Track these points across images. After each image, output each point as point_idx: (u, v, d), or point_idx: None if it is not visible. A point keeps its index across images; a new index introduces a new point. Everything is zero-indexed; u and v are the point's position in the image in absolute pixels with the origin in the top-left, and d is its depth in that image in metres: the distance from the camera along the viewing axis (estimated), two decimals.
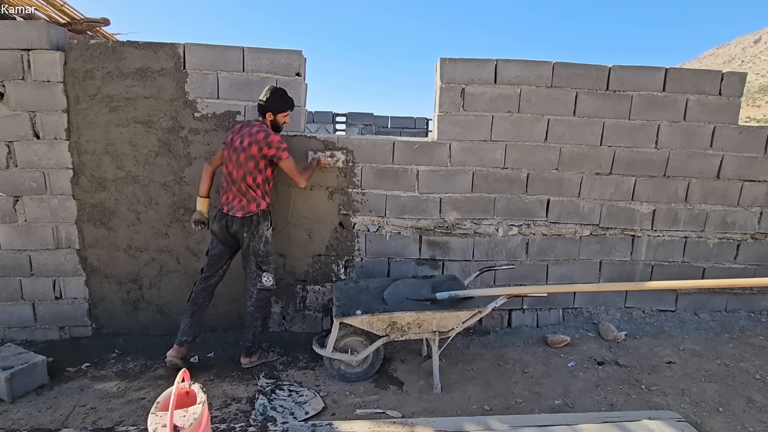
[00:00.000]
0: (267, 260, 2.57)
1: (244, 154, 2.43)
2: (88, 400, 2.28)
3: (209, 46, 2.74)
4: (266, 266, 2.57)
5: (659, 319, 3.18)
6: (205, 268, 2.61)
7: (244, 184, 2.46)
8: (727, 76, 2.93)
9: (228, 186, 2.52)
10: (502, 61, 2.85)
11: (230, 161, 2.48)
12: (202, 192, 2.60)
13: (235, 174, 2.46)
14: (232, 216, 2.47)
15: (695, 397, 2.30)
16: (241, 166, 2.44)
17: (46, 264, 2.87)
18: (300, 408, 2.20)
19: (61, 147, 2.75)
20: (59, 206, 2.81)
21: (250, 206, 2.48)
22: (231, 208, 2.49)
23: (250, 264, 2.56)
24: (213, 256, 2.58)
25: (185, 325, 2.55)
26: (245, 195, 2.48)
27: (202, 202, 2.61)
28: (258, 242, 2.51)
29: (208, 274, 2.60)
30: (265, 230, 2.53)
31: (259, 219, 2.50)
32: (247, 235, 2.49)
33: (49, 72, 2.67)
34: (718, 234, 3.14)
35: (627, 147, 2.98)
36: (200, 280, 2.60)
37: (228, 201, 2.51)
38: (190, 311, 2.56)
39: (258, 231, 2.50)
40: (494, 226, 3.04)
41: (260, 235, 2.51)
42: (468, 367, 2.65)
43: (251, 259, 2.55)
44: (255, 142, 2.42)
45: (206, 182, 2.60)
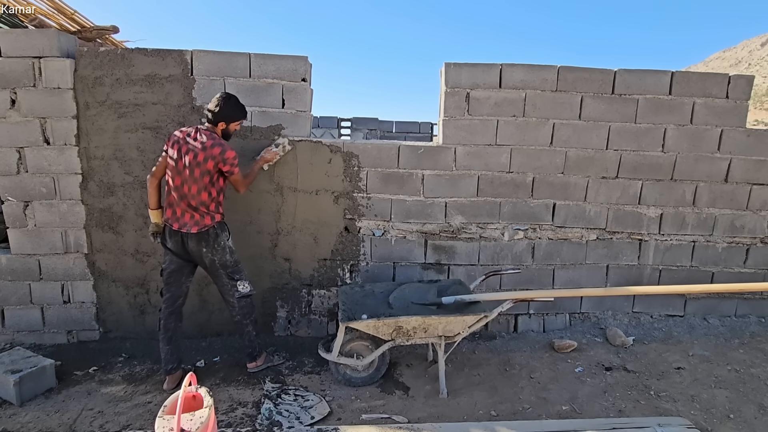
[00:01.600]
0: (237, 268, 2.47)
1: (199, 169, 2.28)
2: (95, 403, 2.30)
3: (216, 53, 2.78)
4: (238, 275, 2.46)
5: (668, 324, 3.15)
6: (165, 289, 2.44)
7: (197, 200, 2.31)
8: (734, 79, 2.92)
9: (176, 201, 2.35)
10: (506, 66, 2.85)
11: (178, 175, 2.31)
12: (152, 205, 2.45)
13: (186, 189, 2.31)
14: (186, 233, 2.33)
15: (705, 404, 2.27)
16: (195, 181, 2.29)
17: (54, 268, 2.90)
18: (306, 413, 2.20)
19: (70, 153, 2.79)
20: (68, 211, 2.85)
21: (204, 220, 2.33)
22: (183, 224, 2.34)
23: (221, 278, 2.45)
24: (171, 274, 2.43)
25: (166, 354, 2.45)
26: (197, 210, 2.33)
27: (156, 214, 2.46)
28: (223, 254, 2.39)
29: (171, 295, 2.44)
30: (225, 241, 2.41)
31: (217, 231, 2.37)
32: (207, 251, 2.36)
33: (60, 79, 2.71)
34: (727, 238, 3.11)
35: (633, 151, 2.97)
36: (165, 305, 2.45)
37: (177, 217, 2.35)
38: (165, 338, 2.45)
39: (219, 243, 2.37)
40: (500, 230, 3.03)
41: (222, 246, 2.38)
42: (474, 372, 2.63)
43: (220, 272, 2.43)
44: (211, 157, 2.27)
45: (155, 195, 2.44)
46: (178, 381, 2.44)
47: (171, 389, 2.41)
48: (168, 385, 2.43)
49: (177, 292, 2.47)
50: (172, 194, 2.37)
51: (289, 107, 2.86)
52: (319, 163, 2.89)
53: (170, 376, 2.45)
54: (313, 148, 2.87)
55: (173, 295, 2.46)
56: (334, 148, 2.89)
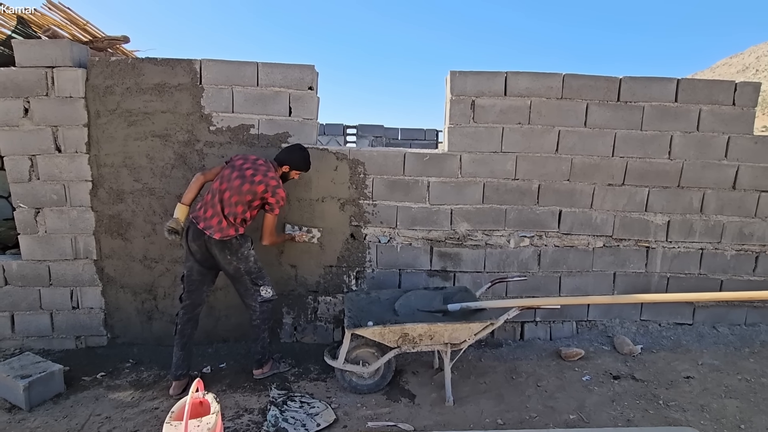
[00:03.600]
0: (261, 274, 2.53)
1: (249, 186, 2.38)
2: (103, 409, 2.31)
3: (224, 62, 2.82)
4: (262, 280, 2.52)
5: (676, 332, 3.11)
6: (185, 296, 2.48)
7: (231, 209, 2.38)
8: (741, 86, 2.91)
9: (212, 202, 2.41)
10: (511, 74, 2.87)
11: (227, 181, 2.41)
12: (185, 200, 2.45)
13: (227, 195, 2.39)
14: (209, 236, 2.36)
15: (715, 414, 2.24)
16: (239, 193, 2.38)
17: (64, 274, 2.93)
18: (312, 420, 2.19)
19: (81, 160, 2.84)
20: (78, 218, 2.89)
21: (228, 230, 2.38)
22: (208, 227, 2.37)
23: (244, 283, 2.49)
24: (194, 282, 2.46)
25: (178, 359, 2.47)
26: (226, 218, 2.39)
27: (182, 210, 2.44)
28: (248, 263, 2.46)
29: (191, 302, 2.48)
30: (248, 250, 2.46)
31: (240, 242, 2.43)
32: (232, 258, 2.41)
33: (72, 88, 2.76)
34: (736, 245, 3.08)
35: (639, 158, 2.96)
36: (184, 311, 2.48)
37: (206, 217, 2.39)
38: (180, 344, 2.47)
39: (243, 253, 2.43)
40: (506, 237, 3.03)
41: (246, 256, 2.45)
42: (480, 380, 2.62)
43: (245, 279, 2.48)
44: (265, 183, 2.39)
45: (193, 192, 2.46)
46: (184, 387, 2.46)
47: (177, 395, 2.42)
48: (174, 391, 2.45)
49: (197, 299, 2.51)
50: (212, 195, 2.44)
51: (296, 115, 2.89)
52: (325, 171, 2.91)
53: (177, 382, 2.46)
54: (319, 155, 2.89)
55: (193, 302, 2.50)
56: (340, 155, 2.91)
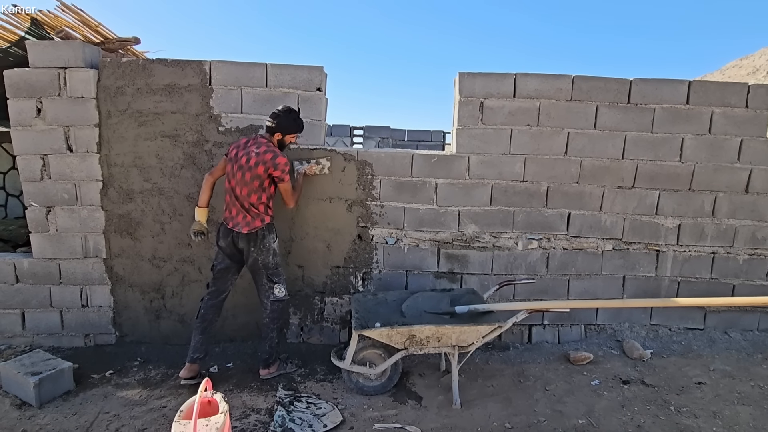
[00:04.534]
0: (277, 271, 2.58)
1: (250, 173, 2.43)
2: (111, 407, 2.33)
3: (234, 63, 2.84)
4: (277, 278, 2.57)
5: (687, 337, 3.07)
6: (212, 282, 2.60)
7: (247, 201, 2.46)
8: (754, 88, 2.87)
9: (231, 201, 2.50)
10: (521, 75, 2.86)
11: (233, 177, 2.47)
12: (201, 203, 2.59)
13: (238, 191, 2.46)
14: (237, 232, 2.47)
15: (728, 421, 2.20)
16: (246, 184, 2.44)
17: (74, 273, 2.96)
18: (318, 421, 2.19)
19: (92, 160, 2.86)
20: (88, 217, 2.92)
21: (254, 222, 2.48)
22: (236, 224, 2.48)
23: (261, 277, 2.57)
24: (220, 271, 2.57)
25: (197, 342, 2.55)
26: (249, 212, 2.47)
27: (202, 213, 2.60)
28: (266, 255, 2.51)
29: (216, 289, 2.59)
30: (271, 243, 2.53)
31: (265, 233, 2.50)
32: (254, 250, 2.49)
33: (84, 89, 2.79)
34: (748, 250, 3.03)
35: (650, 160, 2.93)
36: (209, 296, 2.59)
37: (232, 216, 2.50)
38: (200, 327, 2.56)
39: (265, 244, 2.50)
40: (513, 239, 3.01)
41: (267, 248, 2.51)
42: (488, 383, 2.60)
43: (261, 272, 2.55)
44: (262, 162, 2.41)
45: (206, 193, 2.59)
46: (196, 372, 2.53)
47: (186, 378, 2.49)
48: (185, 373, 2.50)
49: (222, 287, 2.61)
50: (228, 196, 2.52)
51: (305, 116, 2.88)
52: (333, 171, 2.91)
53: (192, 365, 2.53)
54: (326, 156, 2.89)
55: (218, 289, 2.60)
56: (348, 156, 2.91)
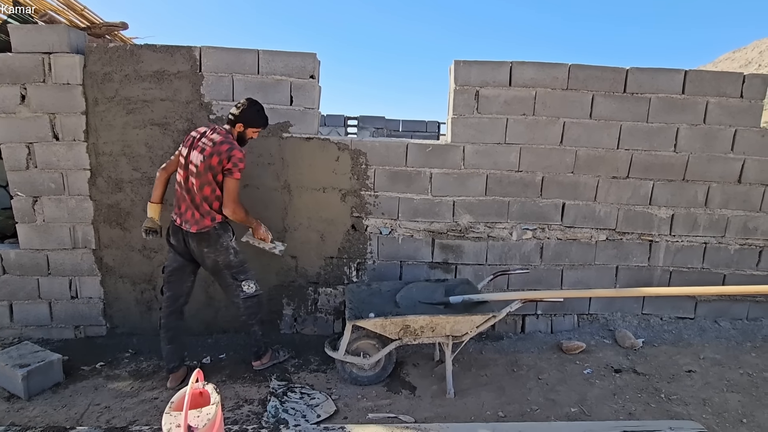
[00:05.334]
0: (243, 268, 2.43)
1: (204, 164, 2.24)
2: (102, 399, 2.30)
3: (225, 49, 2.77)
4: (244, 275, 2.42)
5: (678, 326, 3.10)
6: (165, 287, 2.41)
7: (200, 195, 2.27)
8: (749, 78, 2.87)
9: (182, 195, 2.33)
10: (516, 64, 2.82)
11: (185, 169, 2.30)
12: (154, 198, 2.42)
13: (190, 183, 2.28)
14: (186, 231, 2.30)
15: (717, 408, 2.23)
16: (199, 175, 2.25)
17: (62, 264, 2.91)
18: (312, 411, 2.19)
19: (79, 148, 2.80)
20: (76, 207, 2.86)
21: (204, 221, 2.28)
22: (185, 221, 2.30)
23: (225, 278, 2.42)
24: (173, 272, 2.40)
25: (167, 353, 2.43)
26: (199, 208, 2.29)
27: (154, 209, 2.42)
28: (226, 255, 2.35)
29: (172, 294, 2.41)
30: (228, 241, 2.36)
31: (219, 232, 2.32)
32: (209, 251, 2.32)
33: (69, 75, 2.71)
34: (740, 240, 3.06)
35: (645, 150, 2.93)
36: (166, 304, 2.41)
37: (181, 213, 2.33)
38: (166, 338, 2.42)
39: (221, 244, 2.33)
40: (508, 229, 3.00)
41: (225, 247, 2.34)
42: (481, 372, 2.61)
43: (224, 273, 2.40)
44: (217, 153, 2.23)
45: (160, 188, 2.42)
46: (181, 379, 2.44)
47: (174, 387, 2.40)
48: (171, 384, 2.42)
49: (178, 291, 2.44)
50: (178, 190, 2.36)
51: (297, 104, 2.85)
52: (327, 161, 2.87)
53: (173, 375, 2.44)
54: (320, 145, 2.85)
55: (174, 294, 2.43)
56: (342, 145, 2.87)
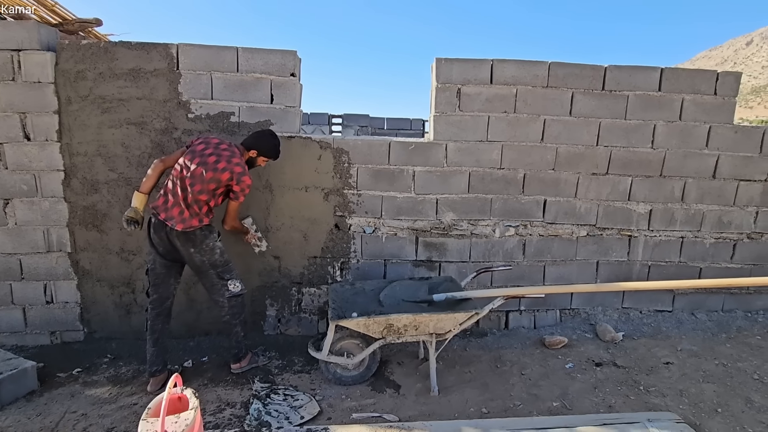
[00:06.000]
0: (228, 267, 2.42)
1: (212, 173, 2.25)
2: (79, 406, 2.24)
3: (203, 47, 2.72)
4: (229, 274, 2.42)
5: (656, 319, 3.17)
6: (151, 290, 2.38)
7: (193, 198, 2.26)
8: (722, 75, 2.94)
9: (173, 191, 2.29)
10: (498, 61, 2.84)
11: (188, 169, 2.28)
12: (144, 188, 2.33)
13: (188, 183, 2.26)
14: (171, 228, 2.26)
15: (694, 398, 2.28)
16: (202, 182, 2.25)
17: (36, 268, 2.82)
18: (295, 412, 2.17)
19: (52, 149, 2.71)
20: (50, 209, 2.77)
21: (191, 221, 2.27)
22: (170, 217, 2.26)
23: (210, 278, 2.39)
24: (158, 275, 2.36)
25: (152, 355, 2.39)
26: (189, 208, 2.27)
27: (141, 199, 2.32)
28: (212, 255, 2.34)
29: (158, 296, 2.38)
30: (214, 242, 2.36)
31: (205, 233, 2.32)
32: (195, 251, 2.31)
33: (40, 73, 2.63)
34: (715, 234, 3.14)
35: (623, 147, 2.98)
36: (152, 306, 2.39)
37: (166, 207, 2.28)
38: (151, 339, 2.39)
39: (207, 244, 2.32)
40: (491, 227, 3.02)
41: (212, 247, 2.34)
42: (465, 369, 2.63)
43: (210, 272, 2.37)
44: (230, 171, 2.26)
45: (153, 180, 2.35)
46: (162, 383, 2.39)
47: (155, 391, 2.35)
48: (152, 387, 2.38)
49: (165, 293, 2.42)
50: (172, 184, 2.32)
51: (278, 102, 2.81)
52: (309, 160, 2.85)
53: (154, 378, 2.40)
54: (302, 144, 2.83)
55: (160, 296, 2.41)
56: (324, 144, 2.85)
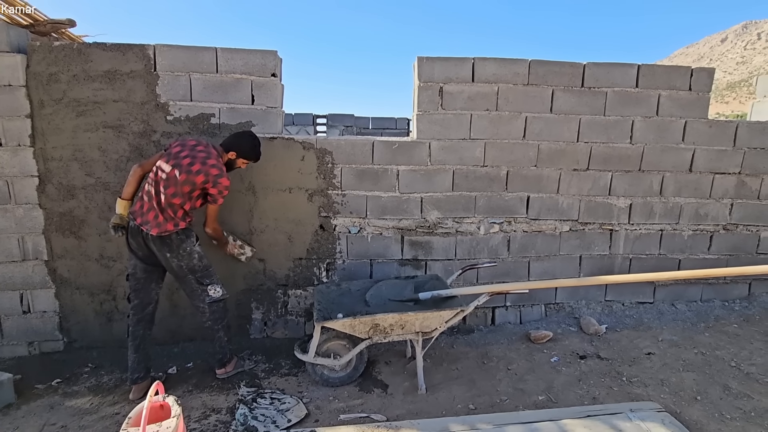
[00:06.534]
0: (208, 272, 2.39)
1: (186, 176, 2.21)
2: (58, 418, 2.18)
3: (181, 47, 2.67)
4: (208, 279, 2.39)
5: (638, 311, 3.24)
6: (132, 296, 2.35)
7: (168, 201, 2.23)
8: (697, 71, 3.01)
9: (148, 195, 2.27)
10: (479, 60, 2.85)
11: (163, 171, 2.24)
12: (125, 194, 2.33)
13: (162, 186, 2.23)
14: (146, 232, 2.23)
15: (674, 387, 2.34)
16: (176, 184, 2.21)
17: (12, 277, 2.74)
18: (282, 416, 2.15)
19: (25, 154, 2.64)
20: (25, 216, 2.69)
21: (166, 225, 2.23)
22: (145, 221, 2.24)
23: (189, 283, 2.36)
24: (138, 280, 2.34)
25: (133, 362, 2.34)
26: (163, 212, 2.24)
27: (124, 205, 2.33)
28: (190, 260, 2.31)
29: (139, 302, 2.35)
30: (192, 246, 2.32)
31: (181, 237, 2.28)
32: (172, 256, 2.27)
33: (10, 75, 2.55)
34: (692, 226, 3.22)
35: (603, 143, 3.03)
36: (133, 312, 2.35)
37: (142, 212, 2.26)
38: (133, 346, 2.34)
39: (185, 249, 2.29)
40: (476, 224, 3.04)
41: (189, 252, 2.30)
42: (452, 366, 2.64)
43: (189, 278, 2.34)
44: (205, 173, 2.22)
45: (133, 185, 2.33)
46: (144, 391, 2.34)
47: (137, 399, 2.30)
48: (134, 395, 2.33)
49: (146, 299, 2.38)
50: (148, 187, 2.30)
51: (259, 103, 2.78)
52: (292, 161, 2.82)
53: (136, 386, 2.35)
54: (285, 145, 2.80)
55: (142, 302, 2.37)
56: (307, 144, 2.83)
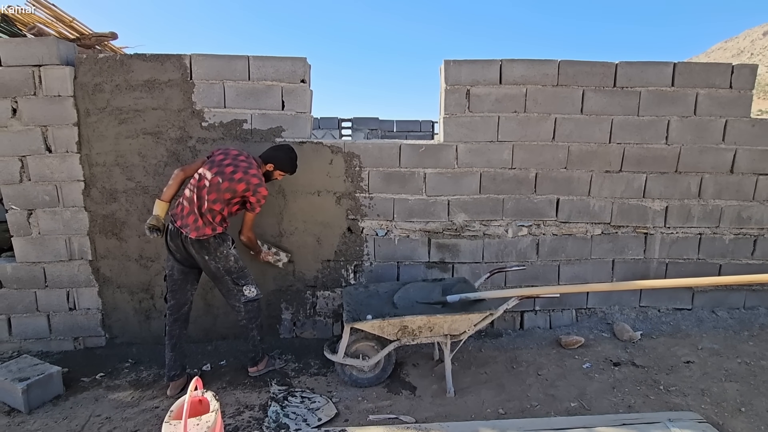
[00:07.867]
0: (243, 273, 2.47)
1: (228, 183, 2.29)
2: (103, 410, 2.30)
3: (215, 56, 2.77)
4: (244, 279, 2.46)
5: (675, 317, 3.12)
6: (169, 296, 2.43)
7: (207, 206, 2.30)
8: (738, 68, 2.88)
9: (190, 198, 2.34)
10: (506, 61, 2.83)
11: (206, 178, 2.33)
12: (165, 197, 2.38)
13: (205, 192, 2.31)
14: (185, 235, 2.31)
15: (716, 397, 2.24)
16: (218, 191, 2.30)
17: (59, 275, 2.91)
18: (313, 415, 2.19)
19: (72, 160, 2.80)
20: (72, 218, 2.86)
21: (205, 229, 2.30)
22: (185, 224, 2.31)
23: (226, 284, 2.44)
24: (176, 281, 2.42)
25: (170, 360, 2.44)
26: (203, 216, 2.31)
27: (162, 207, 2.37)
28: (227, 262, 2.39)
29: (176, 302, 2.44)
30: (228, 249, 2.39)
31: (218, 242, 2.35)
32: (209, 258, 2.35)
33: (60, 87, 2.72)
34: (734, 229, 3.07)
35: (636, 143, 2.94)
36: (170, 312, 2.44)
37: (182, 215, 2.34)
38: (169, 345, 2.44)
39: (222, 252, 2.36)
40: (503, 227, 3.01)
41: (225, 255, 2.38)
42: (481, 370, 2.62)
43: (226, 279, 2.42)
44: (246, 182, 2.30)
45: (174, 188, 2.39)
46: (181, 387, 2.44)
47: (175, 395, 2.39)
48: (172, 392, 2.43)
49: (182, 299, 2.47)
50: (189, 192, 2.37)
51: (289, 109, 2.85)
52: (321, 164, 2.88)
53: (173, 383, 2.44)
54: (313, 149, 2.86)
55: (178, 302, 2.46)
56: (335, 148, 2.88)
